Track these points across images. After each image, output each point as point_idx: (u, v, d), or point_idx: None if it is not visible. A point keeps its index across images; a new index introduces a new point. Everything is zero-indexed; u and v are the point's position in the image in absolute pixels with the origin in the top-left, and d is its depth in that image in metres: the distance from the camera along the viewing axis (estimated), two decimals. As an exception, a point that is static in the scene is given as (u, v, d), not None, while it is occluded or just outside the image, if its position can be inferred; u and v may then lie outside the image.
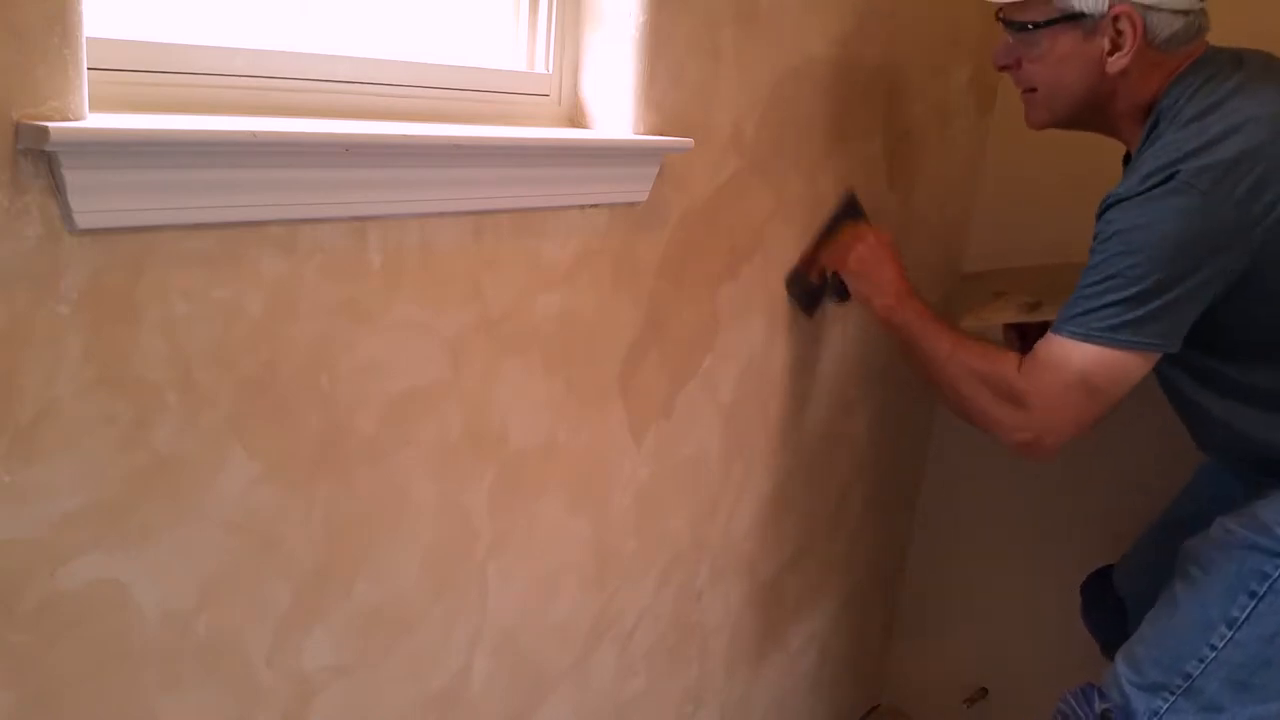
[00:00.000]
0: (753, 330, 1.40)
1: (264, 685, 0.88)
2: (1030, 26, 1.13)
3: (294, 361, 0.83)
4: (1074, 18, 1.09)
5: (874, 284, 1.33)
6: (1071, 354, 1.09)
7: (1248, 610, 1.11)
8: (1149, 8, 1.06)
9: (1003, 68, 1.21)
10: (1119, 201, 1.07)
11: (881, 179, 1.57)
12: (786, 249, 1.41)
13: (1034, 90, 1.19)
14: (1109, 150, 1.27)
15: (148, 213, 0.70)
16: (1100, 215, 1.10)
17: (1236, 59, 1.11)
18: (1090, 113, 1.17)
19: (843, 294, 1.42)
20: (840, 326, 1.60)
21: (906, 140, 1.60)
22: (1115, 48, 1.09)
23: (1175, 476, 1.47)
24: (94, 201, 0.66)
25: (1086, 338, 1.07)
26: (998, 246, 1.76)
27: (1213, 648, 1.13)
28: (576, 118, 1.13)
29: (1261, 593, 1.10)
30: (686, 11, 1.10)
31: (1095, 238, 1.09)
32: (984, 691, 1.97)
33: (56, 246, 0.66)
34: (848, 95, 1.44)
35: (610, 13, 1.07)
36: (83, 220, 0.66)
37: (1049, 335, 1.13)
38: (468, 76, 1.01)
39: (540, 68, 1.10)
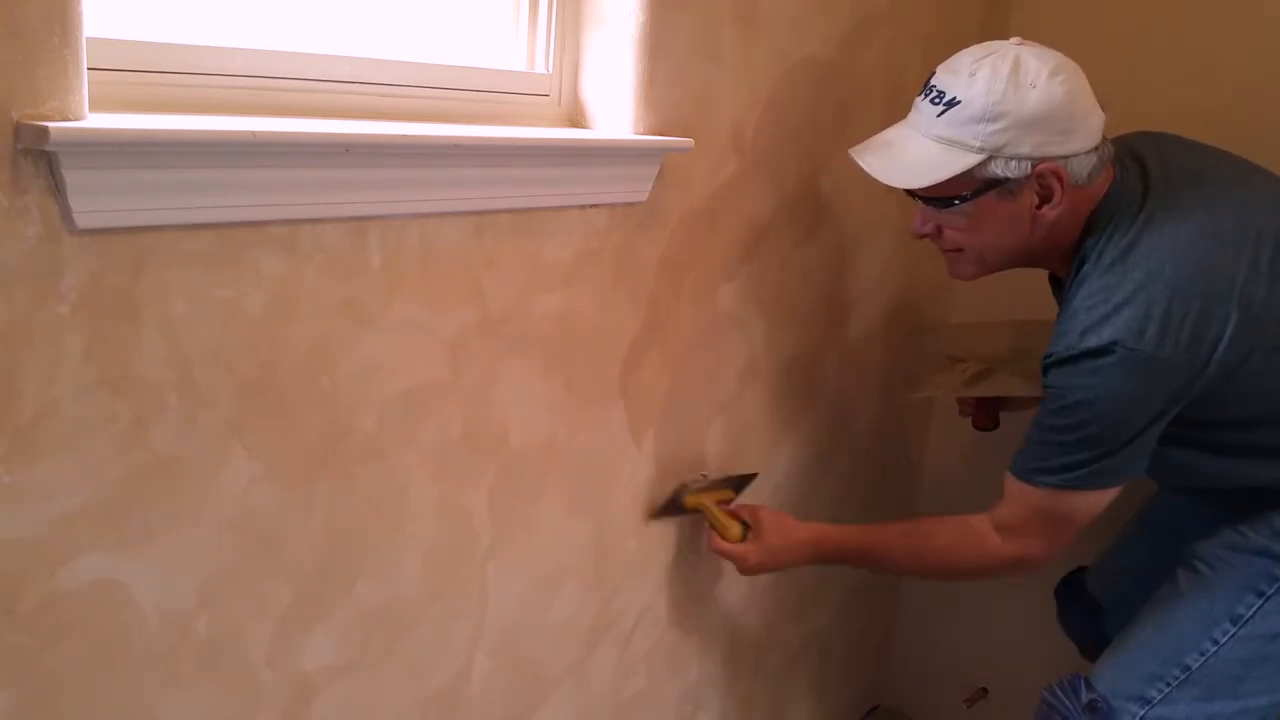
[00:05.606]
0: (752, 330, 1.40)
1: (264, 685, 0.88)
2: (956, 201, 1.10)
3: (294, 361, 0.83)
4: (996, 183, 1.07)
5: (787, 560, 1.29)
6: (1045, 500, 1.13)
7: (1254, 609, 1.13)
8: (1066, 157, 1.06)
9: (923, 236, 1.19)
10: (1061, 363, 1.07)
11: (881, 181, 1.57)
12: (786, 249, 1.41)
13: (959, 250, 1.17)
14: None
15: (148, 213, 0.70)
16: (1046, 373, 1.10)
17: (1141, 178, 1.11)
18: (1021, 259, 1.17)
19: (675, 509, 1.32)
20: (840, 329, 1.60)
21: (906, 140, 1.60)
22: (1044, 200, 1.08)
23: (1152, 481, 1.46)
24: (94, 201, 0.66)
25: (1061, 486, 1.11)
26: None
27: (1214, 642, 1.15)
28: (576, 118, 1.13)
29: (1269, 593, 1.13)
30: (686, 11, 1.10)
31: (1047, 396, 1.10)
32: (984, 691, 1.97)
33: (56, 246, 0.66)
34: (847, 96, 1.44)
35: (610, 13, 1.07)
36: (83, 220, 0.66)
37: (1018, 484, 1.15)
38: (467, 76, 1.01)
39: (540, 68, 1.10)
